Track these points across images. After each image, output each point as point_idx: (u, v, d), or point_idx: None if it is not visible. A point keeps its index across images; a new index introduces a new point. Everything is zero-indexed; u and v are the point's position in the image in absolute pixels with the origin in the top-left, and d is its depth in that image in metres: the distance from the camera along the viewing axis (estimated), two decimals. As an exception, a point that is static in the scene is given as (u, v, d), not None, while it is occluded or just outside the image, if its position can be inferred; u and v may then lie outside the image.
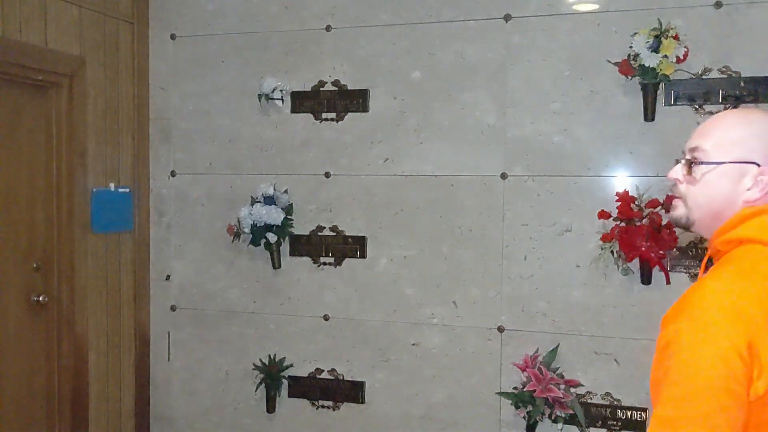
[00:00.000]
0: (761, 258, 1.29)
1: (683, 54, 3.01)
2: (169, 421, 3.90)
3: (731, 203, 1.36)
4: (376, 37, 3.50)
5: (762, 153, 1.34)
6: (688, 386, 1.21)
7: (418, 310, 3.47)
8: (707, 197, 1.38)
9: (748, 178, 1.34)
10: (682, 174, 1.41)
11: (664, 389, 1.24)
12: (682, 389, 1.22)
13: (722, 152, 1.35)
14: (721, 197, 1.36)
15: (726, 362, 1.20)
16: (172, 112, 3.84)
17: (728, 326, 1.21)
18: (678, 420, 1.21)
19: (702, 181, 1.38)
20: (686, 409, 1.21)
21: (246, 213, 3.55)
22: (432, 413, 3.46)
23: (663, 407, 1.24)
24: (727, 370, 1.19)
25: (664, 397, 1.24)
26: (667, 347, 1.25)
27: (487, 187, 3.35)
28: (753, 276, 1.27)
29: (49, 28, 3.29)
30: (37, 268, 3.38)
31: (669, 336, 1.26)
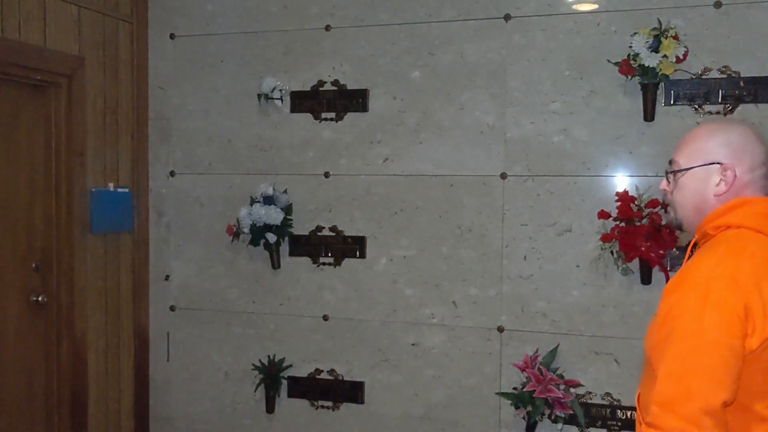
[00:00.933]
0: (748, 239, 1.53)
1: (683, 54, 3.01)
2: (168, 422, 3.90)
3: (705, 198, 1.62)
4: (375, 37, 3.49)
5: (725, 155, 1.61)
6: (694, 343, 1.41)
7: (417, 310, 3.47)
8: (685, 197, 1.66)
9: (715, 176, 1.61)
10: (667, 184, 1.71)
11: (670, 347, 1.44)
12: (688, 346, 1.41)
13: (691, 160, 1.64)
14: (696, 194, 1.64)
15: (727, 321, 1.40)
16: (171, 111, 3.83)
17: (727, 292, 1.42)
18: (685, 373, 1.40)
19: (679, 186, 1.67)
20: (692, 362, 1.40)
21: (245, 213, 3.55)
22: (431, 413, 3.46)
23: (670, 363, 1.43)
24: (728, 328, 1.40)
25: (671, 354, 1.43)
26: (670, 311, 1.47)
27: (486, 186, 3.35)
28: (743, 253, 1.49)
29: (48, 27, 3.29)
30: (36, 268, 3.37)
31: (672, 302, 1.48)
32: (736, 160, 1.60)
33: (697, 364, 1.40)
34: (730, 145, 1.61)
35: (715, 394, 1.39)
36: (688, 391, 1.39)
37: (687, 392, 1.40)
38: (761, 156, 1.62)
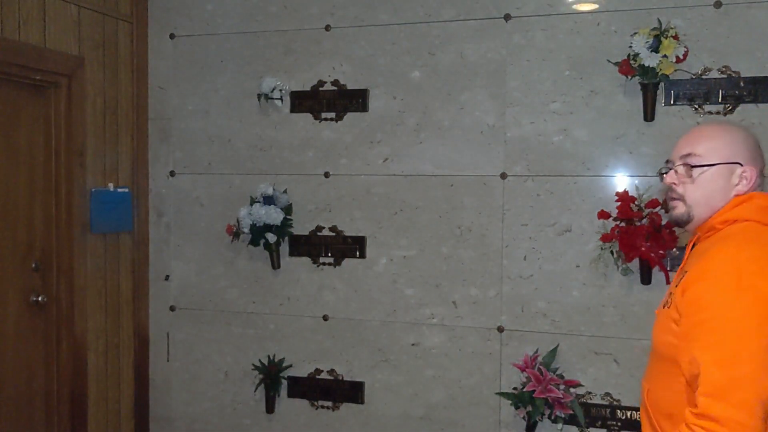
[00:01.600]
0: (756, 231, 1.55)
1: (683, 54, 3.01)
2: (168, 422, 3.90)
3: (725, 197, 1.62)
4: (375, 37, 3.49)
5: (742, 155, 1.62)
6: (736, 329, 1.39)
7: (417, 310, 3.47)
8: (705, 194, 1.62)
9: (736, 176, 1.62)
10: (678, 177, 1.66)
11: (706, 336, 1.41)
12: (731, 333, 1.39)
13: (714, 155, 1.62)
14: (716, 193, 1.62)
15: (761, 306, 1.39)
16: (171, 111, 3.83)
17: (756, 278, 1.42)
18: (733, 359, 1.37)
19: (699, 181, 1.63)
20: (739, 349, 1.37)
21: (245, 213, 3.55)
22: (431, 413, 3.46)
23: (713, 351, 1.39)
24: (764, 313, 1.39)
25: (709, 342, 1.40)
26: (699, 301, 1.45)
27: (486, 186, 3.35)
28: (756, 242, 1.51)
29: (48, 27, 3.29)
30: (36, 268, 3.37)
31: (698, 292, 1.46)
32: (753, 163, 1.64)
33: (742, 350, 1.38)
34: (747, 147, 1.64)
35: (764, 382, 1.36)
36: (740, 377, 1.36)
37: (739, 379, 1.36)
38: (763, 162, 1.68)
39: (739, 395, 1.36)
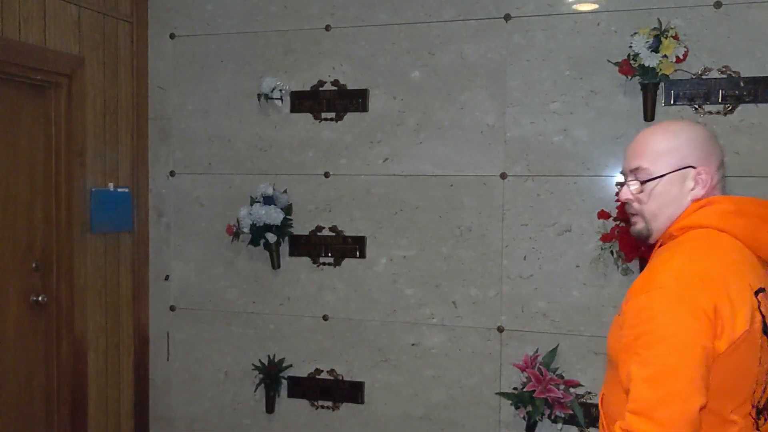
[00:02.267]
0: (712, 238, 1.50)
1: (683, 54, 3.01)
2: (168, 422, 3.90)
3: (681, 204, 1.56)
4: (375, 37, 3.49)
5: (694, 156, 1.55)
6: (669, 345, 1.36)
7: (417, 310, 3.47)
8: (660, 206, 1.57)
9: (690, 180, 1.55)
10: (633, 193, 1.60)
11: (643, 351, 1.38)
12: (663, 349, 1.36)
13: (662, 165, 1.55)
14: (672, 202, 1.56)
15: (699, 321, 1.36)
16: (171, 111, 3.83)
17: (696, 291, 1.38)
18: (662, 376, 1.35)
19: (652, 195, 1.57)
20: (669, 366, 1.35)
21: (245, 213, 3.55)
22: (431, 413, 3.46)
23: (646, 367, 1.37)
24: (700, 329, 1.36)
25: (644, 358, 1.38)
26: (640, 313, 1.41)
27: (486, 186, 3.35)
28: (710, 251, 1.47)
29: (48, 27, 3.29)
30: (36, 268, 3.37)
31: (641, 304, 1.42)
32: (706, 161, 1.56)
33: (674, 367, 1.36)
34: (697, 145, 1.56)
35: (694, 399, 1.35)
36: (667, 395, 1.35)
37: (665, 397, 1.35)
38: (720, 155, 1.60)
39: (665, 414, 1.34)
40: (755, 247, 1.52)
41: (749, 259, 1.50)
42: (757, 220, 1.52)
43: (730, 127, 3.04)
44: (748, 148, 3.02)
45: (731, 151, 3.03)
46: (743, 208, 1.52)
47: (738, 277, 1.44)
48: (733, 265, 1.45)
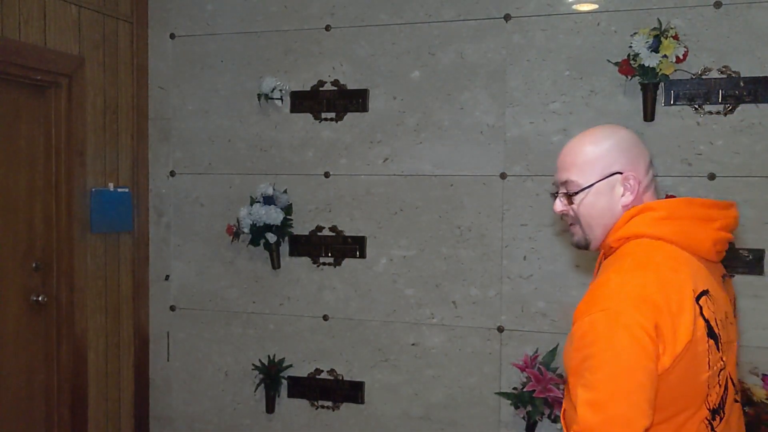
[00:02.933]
0: (650, 248, 1.48)
1: (683, 54, 3.01)
2: (168, 422, 3.90)
3: (613, 212, 1.56)
4: (375, 37, 3.49)
5: (619, 162, 1.55)
6: (610, 369, 1.37)
7: (417, 310, 3.47)
8: (592, 216, 1.57)
9: (618, 186, 1.55)
10: (565, 205, 1.61)
11: (587, 375, 1.39)
12: (606, 373, 1.37)
13: (587, 175, 1.56)
14: (603, 211, 1.56)
15: (640, 343, 1.36)
16: (171, 111, 3.83)
17: (636, 312, 1.37)
18: (605, 401, 1.36)
19: (582, 206, 1.58)
20: (611, 390, 1.36)
21: (245, 213, 3.55)
22: (431, 413, 3.46)
23: (589, 391, 1.39)
24: (642, 351, 1.36)
25: (588, 381, 1.39)
26: (584, 337, 1.42)
27: (486, 186, 3.35)
28: (649, 265, 1.45)
29: (48, 27, 3.29)
30: (36, 268, 3.37)
31: (584, 327, 1.42)
32: (633, 165, 1.55)
33: (616, 391, 1.36)
34: (622, 150, 1.55)
35: (637, 422, 1.36)
36: (610, 419, 1.36)
37: (608, 420, 1.36)
38: (648, 155, 1.59)
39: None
40: (693, 247, 1.52)
41: (688, 263, 1.49)
42: (689, 221, 1.52)
43: (730, 127, 3.04)
44: (748, 148, 3.02)
45: (731, 151, 3.04)
46: (674, 211, 1.52)
47: (677, 287, 1.43)
48: (672, 275, 1.44)
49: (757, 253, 3.01)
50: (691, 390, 1.43)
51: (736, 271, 3.00)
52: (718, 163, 3.05)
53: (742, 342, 3.00)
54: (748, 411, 2.87)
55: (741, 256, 3.02)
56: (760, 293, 3.03)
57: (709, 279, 1.52)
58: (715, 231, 1.54)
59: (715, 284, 1.54)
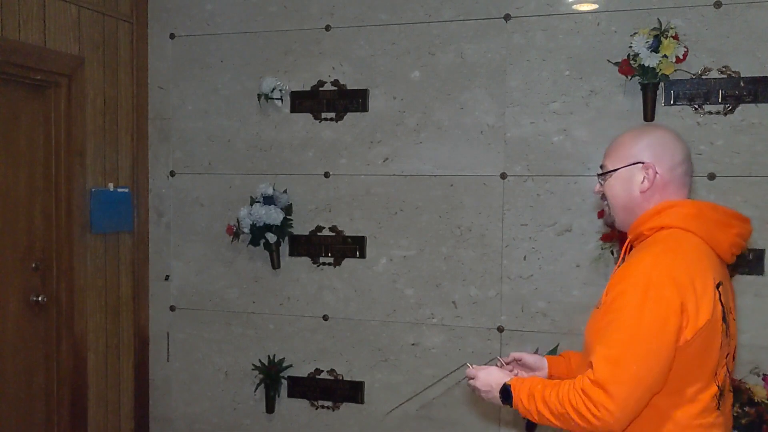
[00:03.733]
0: (681, 238, 1.66)
1: (683, 54, 3.01)
2: (168, 422, 3.90)
3: (632, 196, 1.75)
4: (375, 37, 3.49)
5: (644, 155, 1.73)
6: (632, 332, 1.54)
7: (417, 310, 3.47)
8: (615, 198, 1.79)
9: (638, 175, 1.73)
10: (599, 187, 1.84)
11: (610, 334, 1.57)
12: (627, 335, 1.54)
13: (615, 162, 1.78)
14: (623, 194, 1.76)
15: (663, 317, 1.53)
16: (171, 111, 3.83)
17: (665, 288, 1.54)
18: (621, 358, 1.54)
19: (608, 187, 1.80)
20: (628, 350, 1.54)
21: (245, 213, 3.55)
22: (431, 413, 3.46)
23: (609, 348, 1.56)
24: (664, 323, 1.53)
25: (610, 340, 1.56)
26: (614, 302, 1.60)
27: (486, 186, 3.35)
28: (678, 251, 1.62)
29: (48, 27, 3.28)
30: (36, 268, 3.37)
31: (615, 295, 1.61)
32: (657, 159, 1.73)
33: (633, 352, 1.54)
34: (651, 146, 1.74)
35: (646, 383, 1.54)
36: (623, 375, 1.53)
37: (622, 376, 1.53)
38: (680, 155, 1.75)
39: (619, 390, 1.53)
40: (715, 246, 1.70)
41: (711, 256, 1.67)
42: (714, 223, 1.70)
43: (730, 127, 3.04)
44: (749, 148, 3.02)
45: (731, 151, 3.04)
46: (703, 212, 1.70)
47: (702, 272, 1.60)
48: (698, 262, 1.62)
49: (757, 253, 3.01)
50: (705, 363, 1.59)
51: (737, 271, 3.00)
52: (718, 163, 3.05)
53: (743, 342, 3.00)
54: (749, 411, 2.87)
55: (742, 256, 3.02)
56: (761, 293, 3.03)
57: (725, 274, 1.72)
58: (733, 236, 1.72)
59: (726, 281, 1.73)
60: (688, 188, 1.77)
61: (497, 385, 1.85)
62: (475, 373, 1.92)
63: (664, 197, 1.73)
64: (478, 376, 1.91)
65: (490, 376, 1.89)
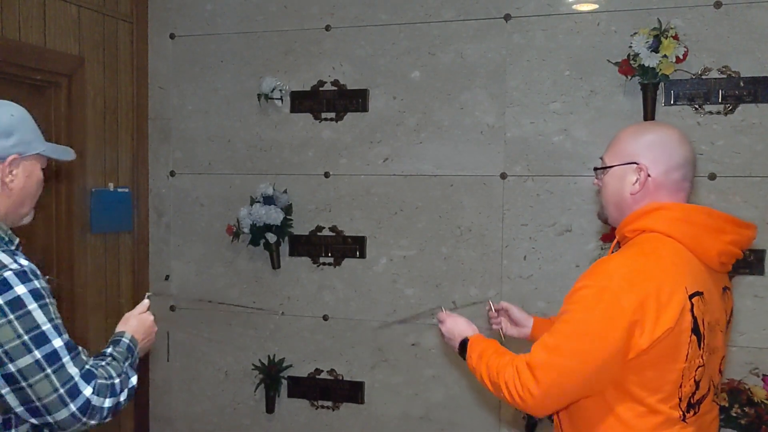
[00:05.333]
0: (659, 243, 1.60)
1: (683, 54, 3.01)
2: (168, 422, 3.90)
3: (622, 196, 1.70)
4: (375, 37, 3.49)
5: (641, 155, 1.67)
6: (578, 328, 1.54)
7: (417, 310, 3.46)
8: (607, 194, 1.74)
9: (631, 175, 1.68)
10: (596, 180, 1.80)
11: (558, 325, 1.58)
12: (571, 328, 1.55)
13: (613, 158, 1.73)
14: (615, 192, 1.71)
15: (611, 321, 1.50)
16: (171, 111, 3.83)
17: (622, 294, 1.51)
18: (557, 348, 1.55)
19: (604, 183, 1.75)
20: (567, 342, 1.54)
21: (245, 213, 3.55)
22: (431, 413, 3.46)
23: (551, 336, 1.58)
24: (610, 327, 1.50)
25: (555, 330, 1.58)
26: (572, 296, 1.60)
27: (486, 186, 3.35)
28: (651, 255, 1.57)
29: (48, 27, 3.29)
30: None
31: (576, 290, 1.60)
32: (653, 161, 1.66)
33: (570, 347, 1.54)
34: (650, 146, 1.68)
35: (573, 378, 1.54)
36: (555, 364, 1.55)
37: (551, 365, 1.55)
38: (679, 159, 1.67)
39: (543, 376, 1.55)
40: (699, 253, 1.62)
41: (690, 263, 1.60)
42: (702, 229, 1.62)
43: (731, 127, 3.03)
44: (749, 148, 3.02)
45: (732, 151, 3.04)
46: (691, 216, 1.62)
47: (672, 279, 1.54)
48: (670, 268, 1.55)
49: (758, 253, 3.01)
50: (665, 375, 1.54)
51: (737, 272, 3.00)
52: (718, 163, 3.05)
53: (742, 342, 3.00)
54: (749, 411, 2.87)
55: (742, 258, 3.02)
56: (761, 293, 3.03)
57: (707, 284, 1.62)
58: (723, 243, 1.63)
59: (714, 291, 1.64)
60: (685, 193, 1.69)
61: (459, 336, 1.94)
62: (444, 318, 2.03)
63: (655, 201, 1.66)
64: (446, 323, 2.02)
65: (456, 326, 1.99)
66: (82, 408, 1.50)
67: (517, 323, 2.25)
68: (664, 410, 1.55)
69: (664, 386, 1.55)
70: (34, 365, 1.47)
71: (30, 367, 1.46)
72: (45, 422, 1.51)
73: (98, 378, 1.55)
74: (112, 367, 1.65)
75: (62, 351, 1.51)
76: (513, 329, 2.28)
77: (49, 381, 1.47)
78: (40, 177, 1.83)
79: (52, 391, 1.47)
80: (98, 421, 1.55)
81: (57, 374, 1.49)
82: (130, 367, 1.74)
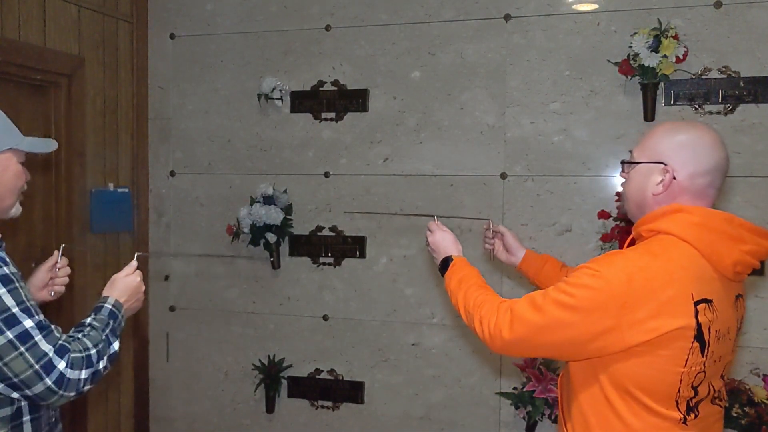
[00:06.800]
0: (671, 245, 1.57)
1: (683, 54, 3.01)
2: (168, 422, 3.90)
3: (644, 194, 1.66)
4: (375, 37, 3.49)
5: (669, 156, 1.63)
6: (564, 299, 1.54)
7: (417, 309, 3.47)
8: (630, 190, 1.71)
9: (656, 175, 1.64)
10: (623, 174, 1.76)
11: (552, 292, 1.58)
12: (559, 296, 1.55)
13: (641, 155, 1.68)
14: (637, 189, 1.68)
15: (598, 304, 1.50)
16: (171, 111, 3.83)
17: (618, 285, 1.50)
18: (541, 307, 1.56)
19: (629, 178, 1.71)
20: (552, 308, 1.55)
21: (245, 213, 3.55)
22: (431, 413, 3.46)
23: (541, 296, 1.59)
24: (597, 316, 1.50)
25: (547, 292, 1.59)
26: (574, 272, 1.60)
27: (486, 186, 3.35)
28: (660, 257, 1.54)
29: (48, 27, 3.28)
30: (35, 267, 3.36)
31: (580, 267, 1.60)
32: (680, 163, 1.61)
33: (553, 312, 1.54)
34: (680, 147, 1.62)
35: (544, 338, 1.56)
36: (532, 320, 1.57)
37: (529, 319, 1.57)
38: (708, 165, 1.61)
39: (519, 326, 1.58)
40: (714, 260, 1.57)
41: (702, 270, 1.56)
42: (720, 236, 1.58)
43: (731, 127, 3.04)
44: (749, 148, 3.02)
45: (732, 151, 3.00)
46: (709, 222, 1.58)
47: (678, 284, 1.51)
48: (678, 272, 1.52)
49: (757, 253, 3.01)
50: (663, 378, 1.53)
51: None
52: (718, 163, 3.05)
53: (744, 342, 3.00)
54: (749, 411, 2.87)
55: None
56: (762, 294, 3.03)
57: (718, 292, 1.58)
58: (741, 253, 1.59)
59: (725, 299, 1.60)
60: (708, 200, 1.63)
61: (443, 252, 1.98)
62: (434, 229, 2.07)
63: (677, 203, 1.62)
64: (435, 234, 2.06)
65: (444, 240, 2.02)
66: (57, 381, 1.58)
67: (508, 250, 2.28)
68: (663, 412, 1.55)
69: (660, 389, 1.54)
70: (7, 345, 1.56)
71: (4, 346, 1.55)
72: (26, 395, 1.60)
73: (72, 352, 1.63)
74: (90, 338, 1.74)
75: (33, 330, 1.60)
76: (503, 254, 2.31)
77: (23, 358, 1.56)
78: (17, 170, 1.89)
79: (27, 367, 1.56)
80: (77, 392, 1.63)
81: (30, 351, 1.57)
82: (112, 333, 1.86)
